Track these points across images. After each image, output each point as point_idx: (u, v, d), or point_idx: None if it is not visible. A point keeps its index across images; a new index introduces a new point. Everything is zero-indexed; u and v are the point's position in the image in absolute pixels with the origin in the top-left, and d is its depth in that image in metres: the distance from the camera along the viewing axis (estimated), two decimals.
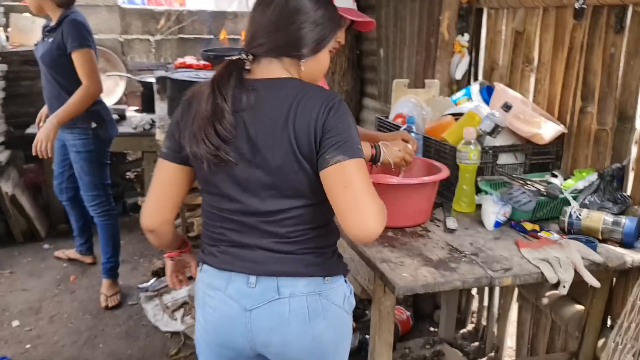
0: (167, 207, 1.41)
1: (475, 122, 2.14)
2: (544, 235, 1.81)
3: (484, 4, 2.74)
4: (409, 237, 1.81)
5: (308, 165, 1.29)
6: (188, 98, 1.36)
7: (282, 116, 1.27)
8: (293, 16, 1.33)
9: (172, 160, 1.37)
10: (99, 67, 3.04)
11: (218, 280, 1.40)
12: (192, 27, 5.20)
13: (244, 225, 1.36)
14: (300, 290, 1.36)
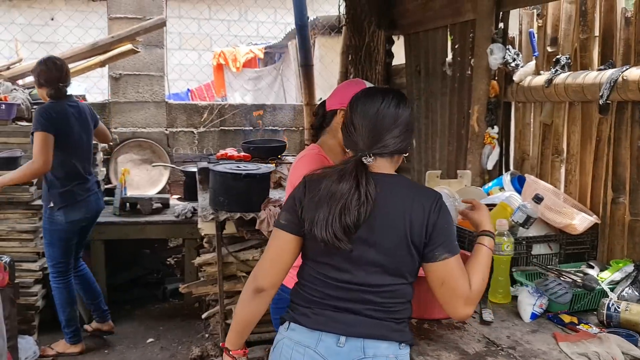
0: (280, 270, 1.59)
1: (508, 213, 2.19)
2: (583, 329, 1.80)
3: (511, 98, 2.87)
4: (445, 329, 1.82)
5: (415, 252, 1.52)
6: (312, 180, 1.57)
7: (400, 207, 1.52)
8: (410, 123, 1.59)
9: (290, 232, 1.57)
10: (146, 158, 3.32)
11: (309, 339, 1.55)
12: (232, 119, 5.50)
13: (347, 292, 1.55)
14: (382, 352, 1.53)
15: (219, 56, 8.16)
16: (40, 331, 3.84)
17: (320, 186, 1.52)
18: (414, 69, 3.82)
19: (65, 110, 3.39)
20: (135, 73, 5.26)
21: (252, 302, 1.61)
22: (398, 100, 1.58)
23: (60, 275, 3.53)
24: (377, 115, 1.54)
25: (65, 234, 3.46)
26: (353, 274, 1.53)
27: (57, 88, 3.39)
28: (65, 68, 3.49)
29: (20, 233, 3.77)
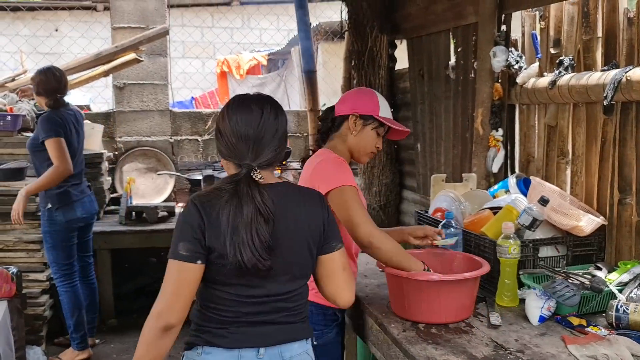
0: (187, 304, 1.50)
1: (513, 216, 2.18)
2: (592, 331, 1.79)
3: (515, 100, 2.86)
4: (453, 333, 1.81)
5: (315, 251, 1.62)
6: (201, 205, 1.50)
7: (297, 213, 1.58)
8: (286, 131, 1.64)
9: (194, 262, 1.48)
10: (151, 167, 3.35)
11: (228, 358, 1.54)
12: None
13: (262, 305, 1.56)
14: (296, 351, 1.62)
15: (223, 64, 8.20)
16: (48, 341, 3.85)
17: (220, 212, 1.49)
18: (417, 73, 3.82)
19: (65, 117, 3.51)
20: (139, 82, 5.29)
21: (160, 342, 1.48)
22: (276, 111, 1.60)
23: (67, 279, 3.56)
24: (259, 128, 1.54)
25: (65, 234, 3.54)
26: (266, 288, 1.55)
27: (55, 99, 3.50)
28: (64, 79, 3.61)
29: (27, 243, 3.78)
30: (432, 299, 1.87)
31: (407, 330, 1.85)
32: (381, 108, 2.06)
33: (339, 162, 1.98)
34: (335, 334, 2.08)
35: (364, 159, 2.13)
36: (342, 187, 1.90)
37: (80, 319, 3.62)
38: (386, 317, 1.96)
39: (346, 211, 1.88)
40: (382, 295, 2.17)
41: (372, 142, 2.08)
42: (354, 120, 2.05)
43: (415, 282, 1.87)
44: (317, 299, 2.00)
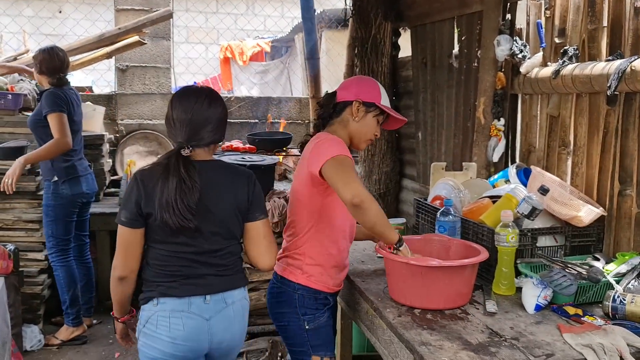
0: (134, 260, 1.89)
1: (513, 204, 2.17)
2: (588, 320, 1.79)
3: (518, 90, 2.84)
4: (448, 319, 1.81)
5: (241, 217, 1.95)
6: (141, 179, 1.85)
7: (226, 185, 1.92)
8: (223, 119, 1.95)
9: (132, 227, 1.84)
10: (152, 150, 3.35)
11: (181, 305, 1.87)
12: (238, 112, 5.49)
13: (197, 262, 1.90)
14: (236, 297, 1.96)
15: (226, 50, 8.16)
16: (45, 321, 3.86)
17: (155, 183, 1.82)
18: (420, 61, 3.79)
19: (69, 95, 3.55)
20: (141, 65, 5.27)
21: (120, 287, 1.91)
22: (210, 101, 1.92)
23: (63, 254, 3.59)
24: (192, 114, 1.88)
25: (69, 209, 3.58)
26: (198, 246, 1.88)
27: (59, 77, 3.53)
28: (66, 59, 3.65)
29: (26, 223, 3.79)
30: (429, 285, 1.87)
31: (402, 316, 1.85)
32: (382, 96, 2.11)
33: (334, 140, 1.99)
34: (327, 318, 2.09)
35: (363, 145, 2.14)
36: (334, 157, 1.89)
37: (75, 294, 3.66)
38: (382, 302, 1.96)
39: (336, 175, 1.86)
40: (378, 281, 2.17)
41: (373, 129, 2.11)
42: (357, 106, 2.06)
43: (413, 267, 1.87)
44: (309, 283, 2.02)
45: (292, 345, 2.11)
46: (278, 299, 2.09)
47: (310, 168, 1.97)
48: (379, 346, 1.99)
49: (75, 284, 3.66)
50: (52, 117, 3.40)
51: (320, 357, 2.07)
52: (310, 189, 2.00)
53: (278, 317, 2.11)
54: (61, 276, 3.61)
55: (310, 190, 2.01)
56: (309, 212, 2.03)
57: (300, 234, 2.05)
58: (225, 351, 1.98)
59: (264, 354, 3.36)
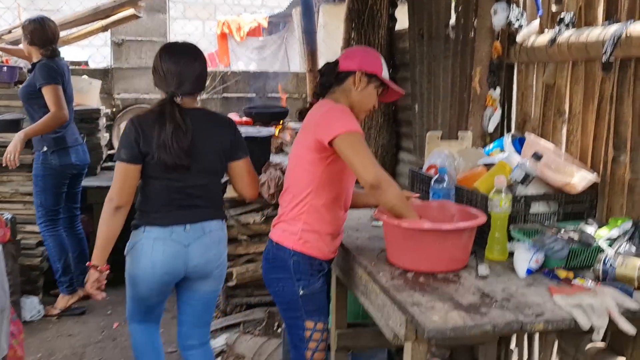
0: (130, 193, 2.17)
1: (507, 171, 2.18)
2: (578, 283, 1.81)
3: (514, 59, 2.83)
4: (441, 282, 1.83)
5: (225, 158, 2.31)
6: (138, 123, 2.15)
7: (212, 129, 2.25)
8: (203, 73, 2.27)
9: (131, 163, 2.14)
10: None
11: (164, 233, 2.18)
12: (235, 86, 5.47)
13: (184, 194, 2.21)
14: (214, 227, 2.29)
15: (223, 25, 8.09)
16: (45, 292, 3.90)
17: (152, 127, 2.12)
18: (417, 33, 3.77)
19: (61, 66, 3.56)
20: (137, 39, 5.23)
21: (113, 219, 2.15)
22: (195, 56, 2.25)
23: (52, 224, 3.62)
24: (181, 66, 2.18)
25: (58, 179, 3.59)
26: (186, 182, 2.20)
27: (51, 49, 3.52)
28: (57, 30, 3.65)
29: (24, 195, 3.81)
30: (422, 249, 1.89)
31: (395, 279, 1.86)
32: (384, 69, 2.13)
33: (344, 110, 2.00)
34: (321, 284, 2.11)
35: (362, 115, 2.15)
36: (349, 132, 1.91)
37: (67, 263, 3.70)
38: (375, 267, 1.98)
39: (354, 154, 1.89)
40: (372, 247, 2.19)
41: (372, 100, 2.13)
42: (360, 76, 2.08)
43: (405, 230, 1.88)
44: (305, 249, 2.04)
45: (286, 310, 2.14)
46: (273, 264, 2.11)
47: (317, 135, 1.97)
48: (372, 310, 2.01)
49: (65, 253, 3.69)
50: (48, 90, 3.39)
51: (313, 323, 2.10)
52: (313, 155, 2.01)
53: (273, 283, 2.14)
54: (51, 246, 3.64)
55: (313, 156, 2.01)
56: (309, 178, 2.04)
57: (297, 199, 2.06)
58: (201, 274, 2.30)
59: (260, 324, 3.40)
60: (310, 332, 2.09)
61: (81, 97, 4.71)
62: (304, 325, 2.09)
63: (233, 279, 3.57)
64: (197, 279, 2.30)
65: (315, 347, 2.11)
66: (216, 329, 3.43)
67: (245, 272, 3.60)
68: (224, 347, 3.21)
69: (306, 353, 2.11)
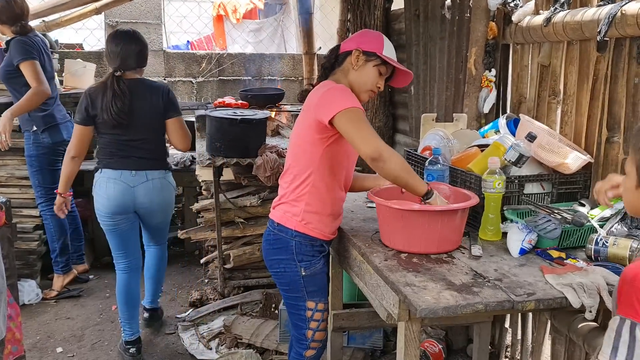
0: (83, 147, 2.90)
1: (501, 152, 2.18)
2: (570, 263, 1.82)
3: (509, 39, 2.81)
4: (434, 263, 1.85)
5: (160, 117, 2.92)
6: (88, 93, 2.83)
7: (148, 93, 2.88)
8: (143, 51, 2.93)
9: (84, 125, 2.85)
10: None
11: (115, 175, 2.85)
12: (231, 69, 5.44)
13: (129, 146, 2.86)
14: (156, 175, 2.94)
15: (219, 7, 8.00)
16: (43, 276, 3.92)
17: (97, 94, 2.79)
18: (413, 13, 3.74)
19: (36, 41, 3.51)
20: (132, 21, 5.19)
21: (70, 164, 2.89)
22: (134, 40, 2.89)
23: (51, 203, 3.59)
24: (121, 49, 2.83)
25: (52, 157, 3.60)
26: (129, 136, 2.84)
27: (21, 24, 3.48)
28: (25, 5, 3.58)
29: (20, 179, 3.80)
30: (415, 230, 1.89)
31: (388, 260, 1.88)
32: (385, 47, 2.09)
33: (344, 89, 2.00)
34: (322, 265, 2.13)
35: (363, 96, 2.11)
36: (348, 109, 1.90)
37: (65, 243, 3.72)
38: (369, 248, 1.99)
39: (352, 128, 1.88)
40: (366, 229, 2.20)
41: (372, 79, 2.09)
42: (357, 55, 2.07)
43: (395, 211, 1.89)
44: (306, 230, 2.05)
45: (288, 291, 2.15)
46: (275, 245, 2.12)
47: (317, 115, 1.96)
48: (366, 291, 2.03)
49: (65, 233, 3.71)
50: (25, 66, 3.37)
51: (314, 303, 2.12)
52: (313, 136, 2.00)
53: (274, 264, 2.14)
54: (51, 225, 3.65)
55: (313, 137, 2.01)
56: (309, 158, 2.03)
57: (298, 180, 2.06)
58: (148, 211, 2.96)
59: (258, 306, 3.43)
60: (311, 312, 2.12)
61: (76, 81, 4.68)
62: (305, 305, 2.11)
63: (230, 261, 3.59)
64: (145, 214, 2.97)
65: (317, 326, 2.13)
66: (214, 310, 3.46)
67: (243, 255, 3.62)
68: (222, 328, 3.23)
69: (307, 333, 2.13)
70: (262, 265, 3.71)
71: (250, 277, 3.71)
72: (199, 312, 3.47)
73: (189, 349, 3.11)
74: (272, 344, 3.03)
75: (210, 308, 3.50)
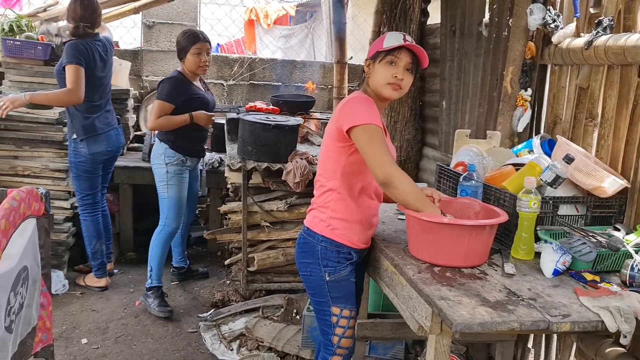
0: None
1: (536, 172, 2.19)
2: (604, 286, 1.82)
3: (547, 60, 2.82)
4: (467, 278, 1.86)
5: None
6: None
7: None
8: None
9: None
10: None
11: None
12: (262, 74, 5.50)
13: None
14: None
15: (251, 12, 8.11)
16: (69, 267, 4.00)
17: None
18: (449, 29, 3.76)
19: (92, 46, 3.52)
20: (168, 22, 5.28)
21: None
22: None
23: (88, 208, 3.67)
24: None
25: (89, 166, 3.62)
26: None
27: (78, 27, 3.48)
28: (91, 8, 3.53)
29: (53, 171, 3.88)
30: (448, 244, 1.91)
31: (422, 272, 1.89)
32: (386, 41, 2.07)
33: (366, 101, 2.03)
34: (348, 272, 2.15)
35: (385, 92, 2.08)
36: (366, 125, 1.95)
37: (98, 247, 3.76)
38: (402, 260, 2.01)
39: (368, 149, 1.94)
40: (398, 240, 2.22)
41: (385, 73, 2.06)
42: (367, 64, 2.14)
43: (430, 224, 1.91)
44: (333, 235, 2.08)
45: (314, 295, 2.18)
46: (303, 249, 2.16)
47: (338, 124, 2.01)
48: (397, 302, 2.04)
49: (99, 238, 3.73)
50: (68, 69, 3.41)
51: (339, 309, 2.14)
52: (336, 144, 2.06)
53: (302, 267, 2.18)
54: (85, 229, 3.70)
55: (337, 145, 2.06)
56: (334, 166, 2.08)
57: (326, 187, 2.11)
58: None
59: (279, 310, 3.45)
60: (336, 318, 2.14)
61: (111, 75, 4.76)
62: (330, 310, 2.14)
63: (254, 264, 3.62)
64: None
65: (342, 333, 2.15)
66: (236, 312, 3.49)
67: (266, 259, 3.65)
68: (243, 330, 3.26)
69: (333, 338, 2.16)
70: (284, 270, 3.75)
71: (273, 281, 3.74)
72: (221, 312, 3.51)
73: (211, 349, 3.14)
74: (293, 348, 3.05)
75: (232, 309, 3.53)
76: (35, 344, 2.50)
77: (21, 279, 2.21)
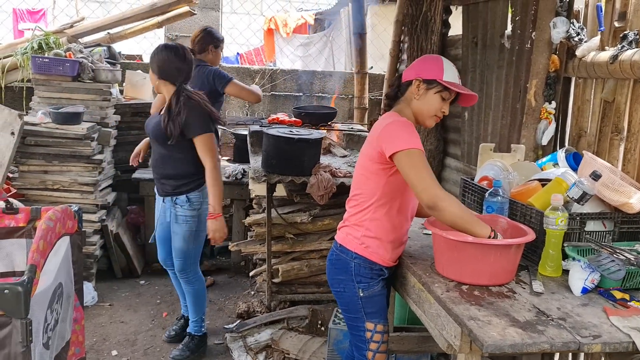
0: None
1: (563, 188, 2.20)
2: (634, 305, 1.82)
3: (572, 73, 2.82)
4: (495, 297, 1.87)
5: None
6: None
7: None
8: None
9: None
10: None
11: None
12: (283, 84, 5.55)
13: None
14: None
15: (270, 21, 8.19)
16: (97, 279, 4.07)
17: None
18: (471, 41, 3.77)
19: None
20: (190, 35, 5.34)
21: None
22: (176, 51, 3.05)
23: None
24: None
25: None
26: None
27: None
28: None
29: (82, 185, 3.97)
30: (476, 263, 1.92)
31: (450, 291, 1.91)
32: (446, 72, 2.09)
33: (407, 125, 2.04)
34: (381, 288, 2.18)
35: (428, 122, 2.16)
36: (410, 150, 1.96)
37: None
38: (429, 277, 2.03)
39: (412, 173, 1.95)
40: (424, 257, 2.23)
41: (436, 105, 2.11)
42: (418, 84, 2.10)
43: (456, 243, 1.93)
44: (366, 253, 2.11)
45: (348, 311, 2.21)
46: (336, 265, 2.19)
47: (380, 148, 2.03)
48: (425, 319, 2.06)
49: None
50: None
51: (374, 324, 2.17)
52: (376, 166, 2.08)
53: (335, 283, 2.21)
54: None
55: (376, 167, 2.08)
56: (372, 188, 2.10)
57: (362, 207, 2.14)
58: None
59: (304, 321, 3.48)
60: (370, 334, 2.17)
61: (135, 91, 4.87)
62: (364, 326, 2.17)
63: (279, 276, 3.66)
64: None
65: (377, 348, 2.18)
66: (261, 323, 3.53)
67: (291, 270, 3.69)
68: (269, 341, 3.30)
69: (367, 354, 2.18)
70: (308, 281, 3.78)
71: (297, 292, 3.77)
72: (246, 324, 3.55)
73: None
74: None
75: (258, 321, 3.57)
76: (69, 358, 2.56)
77: (57, 296, 2.28)
